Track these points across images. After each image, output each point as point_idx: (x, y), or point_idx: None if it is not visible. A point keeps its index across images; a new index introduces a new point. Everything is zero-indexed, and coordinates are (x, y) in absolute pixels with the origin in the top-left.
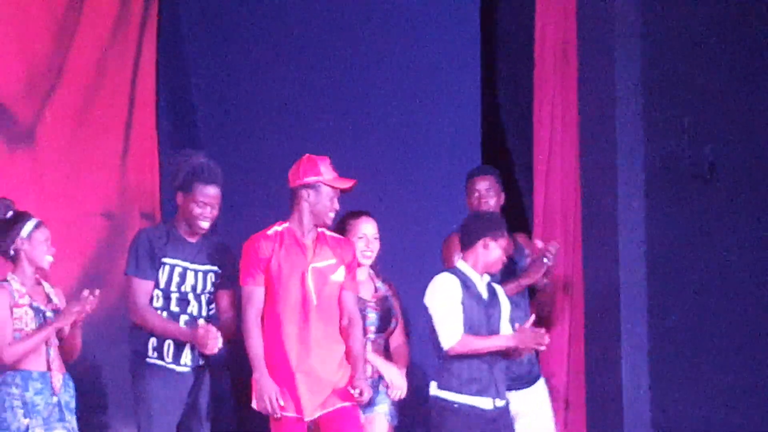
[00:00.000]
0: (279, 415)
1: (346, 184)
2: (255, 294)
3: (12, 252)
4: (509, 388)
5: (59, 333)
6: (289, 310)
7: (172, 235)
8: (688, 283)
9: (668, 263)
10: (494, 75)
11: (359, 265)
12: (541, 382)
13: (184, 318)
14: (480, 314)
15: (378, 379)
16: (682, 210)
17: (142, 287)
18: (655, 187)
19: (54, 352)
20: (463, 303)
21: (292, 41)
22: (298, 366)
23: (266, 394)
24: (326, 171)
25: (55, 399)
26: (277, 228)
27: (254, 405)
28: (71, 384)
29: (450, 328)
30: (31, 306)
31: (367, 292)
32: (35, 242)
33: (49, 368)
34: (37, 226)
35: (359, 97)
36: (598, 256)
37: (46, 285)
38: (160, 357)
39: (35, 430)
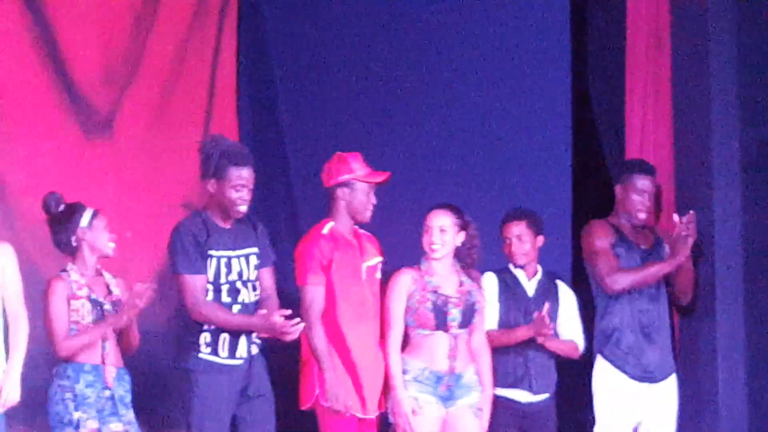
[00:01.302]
0: (349, 413)
1: (380, 177)
2: (318, 294)
3: (74, 243)
4: (642, 380)
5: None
6: (351, 309)
7: (210, 225)
8: None
9: (765, 251)
10: (585, 65)
11: (429, 258)
12: (671, 380)
13: (236, 307)
14: (518, 313)
15: (460, 374)
16: None
17: (198, 283)
18: (751, 174)
19: (110, 346)
20: (500, 302)
21: (378, 28)
22: (361, 365)
23: (338, 390)
24: (359, 167)
25: (108, 393)
26: (329, 226)
27: (324, 402)
28: (127, 378)
29: None
30: (89, 298)
31: (450, 287)
32: (96, 230)
33: (103, 362)
34: (95, 215)
35: (446, 88)
36: (694, 247)
37: (107, 275)
38: (214, 352)
39: (87, 423)
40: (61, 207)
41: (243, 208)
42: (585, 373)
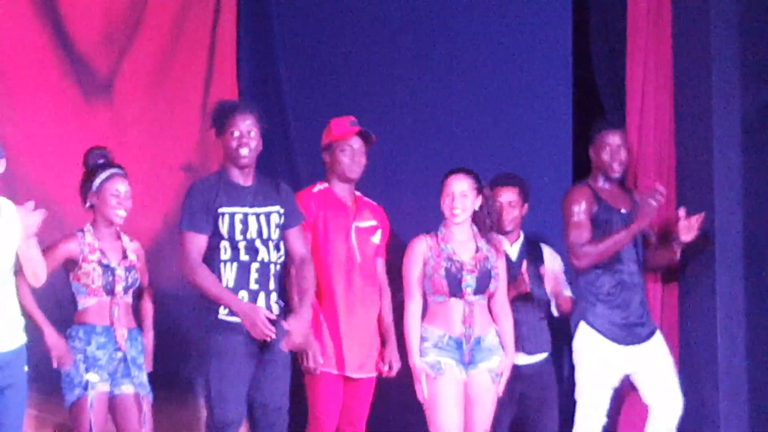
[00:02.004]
0: (319, 370)
1: (349, 135)
2: None
3: (88, 205)
4: (626, 343)
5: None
6: (335, 267)
7: (224, 182)
8: None
9: (765, 213)
10: (586, 27)
11: (448, 224)
12: (657, 337)
13: (255, 266)
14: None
15: (478, 338)
16: None
17: (196, 241)
18: (751, 136)
19: (120, 311)
20: None
21: None
22: (343, 323)
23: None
24: (336, 129)
25: (119, 354)
26: (320, 186)
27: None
28: (140, 339)
29: None
30: (99, 263)
31: (467, 253)
32: (104, 196)
33: (112, 323)
34: (108, 179)
35: (446, 51)
36: (694, 207)
37: (125, 239)
38: (232, 312)
39: (97, 386)
40: (101, 161)
41: (244, 152)
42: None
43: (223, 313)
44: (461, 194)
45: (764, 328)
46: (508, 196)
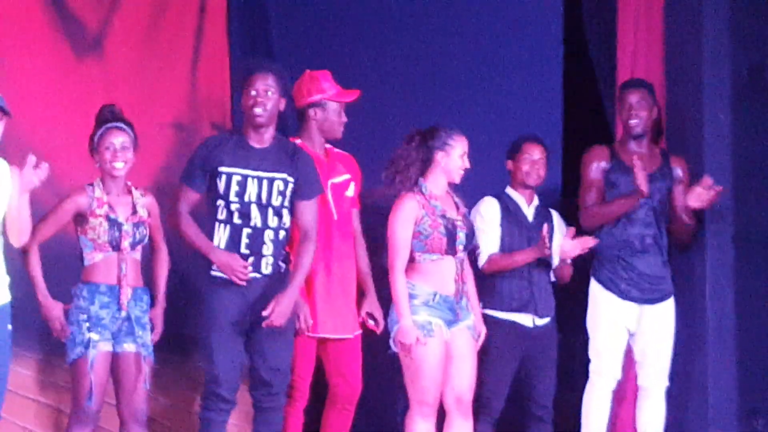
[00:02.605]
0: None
1: (351, 97)
2: None
3: (96, 158)
4: (631, 299)
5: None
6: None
7: (236, 142)
8: None
9: (755, 175)
10: None
11: (451, 182)
12: (670, 302)
13: (246, 231)
14: (521, 238)
15: (461, 296)
16: None
17: (187, 195)
18: (742, 99)
19: (128, 267)
20: (501, 226)
21: None
22: (319, 284)
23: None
24: (329, 87)
25: (123, 314)
26: (296, 143)
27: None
28: (145, 298)
29: (482, 249)
30: (107, 217)
31: (452, 211)
32: (100, 150)
33: (119, 282)
34: (103, 133)
35: (439, 14)
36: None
37: (136, 194)
38: None
39: (99, 345)
40: (99, 120)
41: (258, 111)
42: (576, 297)
43: (216, 269)
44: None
45: (755, 286)
46: (537, 153)
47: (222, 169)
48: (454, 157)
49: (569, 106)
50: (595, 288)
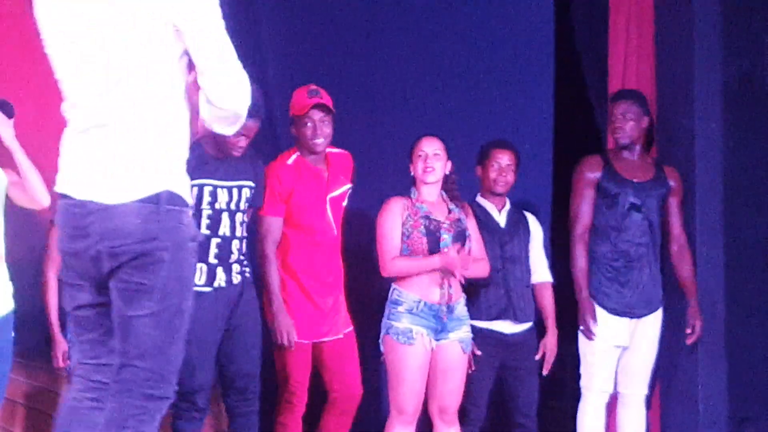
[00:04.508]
0: (293, 348)
1: (306, 109)
2: (274, 225)
3: None
4: (623, 315)
5: None
6: (310, 241)
7: (197, 156)
8: (767, 206)
9: (746, 184)
10: None
11: (425, 183)
12: (658, 312)
13: (215, 241)
14: (493, 244)
15: (452, 306)
16: (760, 130)
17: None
18: (732, 107)
19: None
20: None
21: None
22: (315, 293)
23: (283, 328)
24: (296, 102)
25: None
26: (294, 156)
27: (275, 339)
28: None
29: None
30: None
31: (441, 214)
32: None
33: None
34: None
35: (429, 19)
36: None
37: None
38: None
39: None
40: None
41: (237, 154)
42: (564, 305)
43: None
44: (434, 154)
45: (745, 295)
46: (506, 159)
47: (193, 182)
48: (416, 163)
49: (560, 115)
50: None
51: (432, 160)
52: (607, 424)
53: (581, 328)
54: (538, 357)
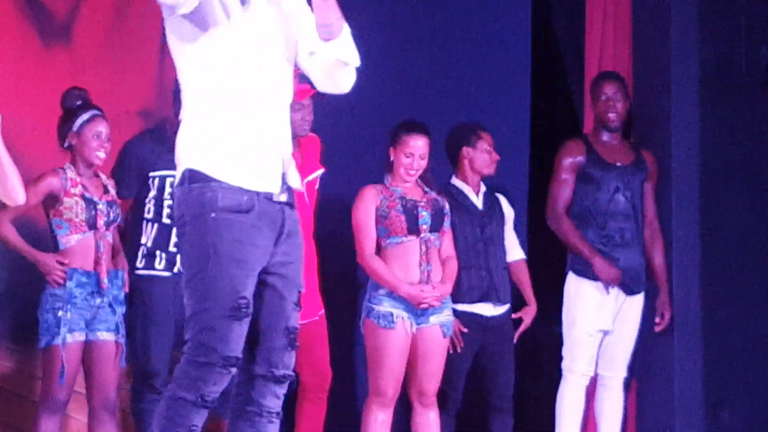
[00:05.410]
0: None
1: (305, 95)
2: None
3: (66, 145)
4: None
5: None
6: None
7: (162, 147)
8: (742, 191)
9: (722, 169)
10: None
11: (404, 181)
12: (641, 296)
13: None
14: (471, 227)
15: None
16: (737, 114)
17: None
18: (709, 92)
19: (104, 248)
20: (453, 220)
21: None
22: None
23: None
24: None
25: (98, 300)
26: None
27: None
28: (120, 275)
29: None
30: (82, 196)
31: (416, 195)
32: (85, 137)
33: (96, 265)
34: (89, 120)
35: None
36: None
37: (102, 176)
38: (150, 266)
39: (74, 333)
40: (78, 103)
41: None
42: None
43: (140, 268)
44: (421, 156)
45: (721, 279)
46: (490, 141)
47: (154, 173)
48: (400, 157)
49: (536, 99)
50: (572, 285)
51: (418, 161)
52: (586, 406)
53: (599, 278)
54: (516, 325)
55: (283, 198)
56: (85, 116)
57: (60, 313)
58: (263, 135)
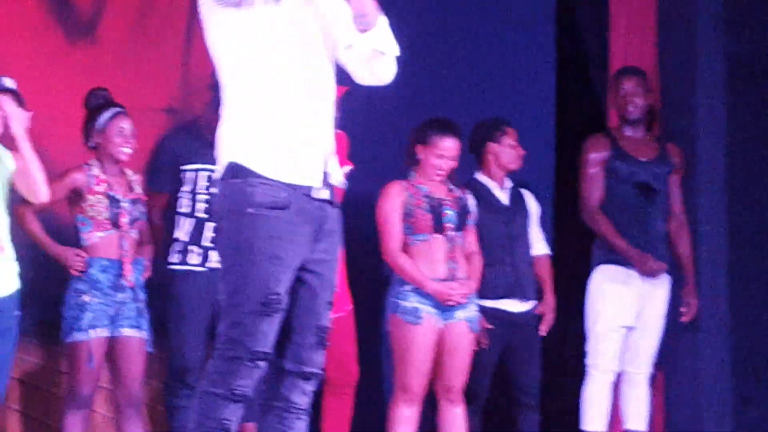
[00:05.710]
0: None
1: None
2: None
3: (91, 143)
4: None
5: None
6: None
7: (195, 141)
8: None
9: (748, 162)
10: None
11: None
12: (665, 292)
13: (210, 224)
14: (496, 222)
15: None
16: (763, 108)
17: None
18: (735, 85)
19: (129, 245)
20: (478, 215)
21: None
22: None
23: None
24: None
25: (120, 296)
26: None
27: None
28: (142, 261)
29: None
30: (106, 194)
31: (441, 192)
32: (109, 133)
33: (121, 258)
34: (113, 117)
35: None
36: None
37: (128, 173)
38: (184, 261)
39: (97, 331)
40: (96, 105)
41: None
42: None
43: (174, 264)
44: (452, 158)
45: (748, 273)
46: (515, 136)
47: (187, 167)
48: (430, 157)
49: (561, 93)
50: (595, 281)
51: (448, 162)
52: (611, 403)
53: (643, 269)
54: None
55: (324, 195)
56: (107, 114)
57: (86, 297)
58: (305, 131)
